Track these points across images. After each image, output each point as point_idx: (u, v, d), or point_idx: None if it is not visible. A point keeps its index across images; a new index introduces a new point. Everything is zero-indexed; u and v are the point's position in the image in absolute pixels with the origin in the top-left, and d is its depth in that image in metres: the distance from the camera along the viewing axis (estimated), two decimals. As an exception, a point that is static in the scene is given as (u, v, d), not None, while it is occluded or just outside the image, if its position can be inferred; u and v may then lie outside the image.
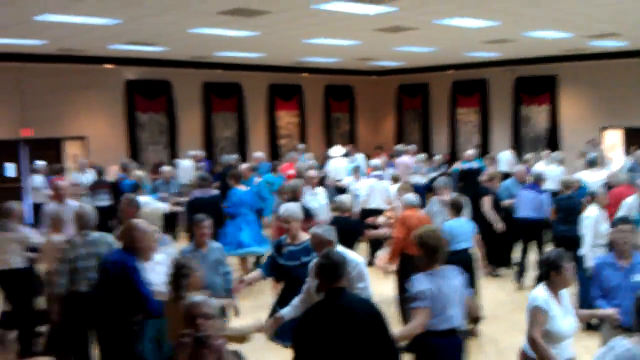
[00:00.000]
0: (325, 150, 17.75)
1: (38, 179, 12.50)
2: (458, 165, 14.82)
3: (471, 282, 7.16)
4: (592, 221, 7.33)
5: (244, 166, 11.44)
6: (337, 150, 15.70)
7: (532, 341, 4.06)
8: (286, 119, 20.04)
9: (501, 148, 16.92)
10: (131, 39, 11.99)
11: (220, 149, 17.77)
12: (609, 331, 4.77)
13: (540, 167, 11.87)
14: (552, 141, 17.44)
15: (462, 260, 6.99)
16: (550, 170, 11.61)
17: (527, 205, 9.32)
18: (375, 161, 11.80)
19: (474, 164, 14.02)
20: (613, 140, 16.41)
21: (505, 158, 15.51)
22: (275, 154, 18.96)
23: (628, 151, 13.97)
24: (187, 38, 11.84)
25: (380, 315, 3.81)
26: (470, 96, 19.49)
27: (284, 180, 11.22)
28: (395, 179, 10.70)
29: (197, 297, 3.33)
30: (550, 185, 10.52)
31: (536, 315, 4.08)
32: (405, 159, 14.24)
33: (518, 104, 18.33)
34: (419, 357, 4.37)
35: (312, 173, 9.81)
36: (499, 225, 9.32)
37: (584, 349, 4.53)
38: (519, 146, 17.74)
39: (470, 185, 12.27)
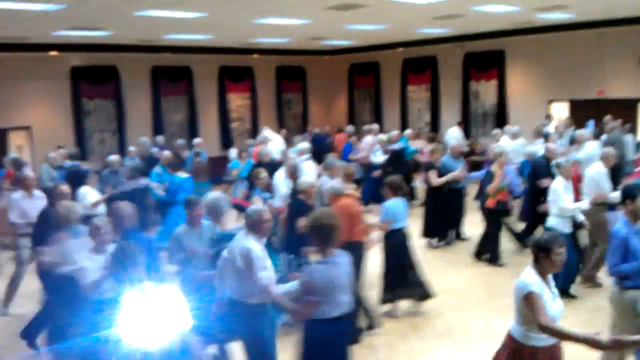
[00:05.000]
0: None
1: None
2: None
3: (409, 259, 7.34)
4: (557, 192, 7.50)
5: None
6: (270, 132, 15.15)
7: (544, 328, 3.87)
8: (237, 101, 19.83)
9: (451, 124, 17.09)
10: (76, 24, 11.61)
11: (170, 134, 17.46)
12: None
13: (505, 142, 12.11)
14: (500, 116, 17.70)
15: (400, 238, 7.20)
16: (516, 144, 11.92)
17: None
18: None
19: (399, 144, 14.02)
20: (559, 113, 16.75)
21: (453, 134, 15.68)
22: (226, 137, 18.78)
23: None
24: (134, 21, 11.52)
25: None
26: (420, 73, 19.61)
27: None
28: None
29: None
30: (519, 158, 11.11)
31: (535, 301, 3.92)
32: (369, 139, 14.14)
33: (467, 79, 18.51)
34: (308, 343, 4.32)
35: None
36: (456, 175, 9.94)
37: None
38: (467, 122, 17.98)
39: (399, 164, 12.62)
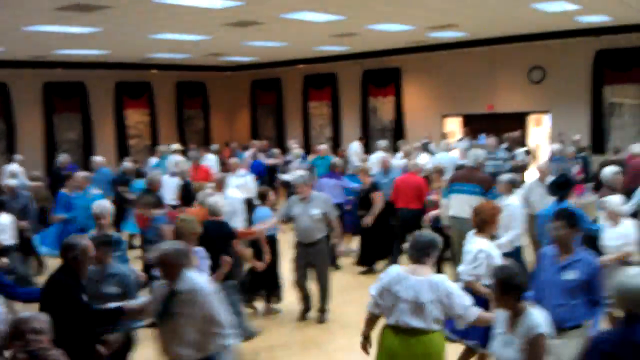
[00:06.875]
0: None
1: None
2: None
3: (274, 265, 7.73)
4: None
5: (81, 175, 9.82)
6: (176, 146, 14.88)
7: None
8: (136, 117, 19.39)
9: (352, 139, 17.42)
10: (-41, 37, 11.06)
11: (63, 151, 16.75)
12: None
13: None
14: (397, 131, 18.25)
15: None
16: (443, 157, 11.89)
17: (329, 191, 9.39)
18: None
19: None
20: (452, 127, 17.44)
21: (353, 149, 16.01)
22: (124, 154, 18.27)
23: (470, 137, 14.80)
24: (24, 36, 11.12)
25: None
26: (321, 90, 19.92)
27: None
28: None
29: (26, 313, 3.15)
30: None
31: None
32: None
33: (366, 96, 18.98)
34: None
35: None
36: None
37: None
38: (367, 137, 18.40)
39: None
